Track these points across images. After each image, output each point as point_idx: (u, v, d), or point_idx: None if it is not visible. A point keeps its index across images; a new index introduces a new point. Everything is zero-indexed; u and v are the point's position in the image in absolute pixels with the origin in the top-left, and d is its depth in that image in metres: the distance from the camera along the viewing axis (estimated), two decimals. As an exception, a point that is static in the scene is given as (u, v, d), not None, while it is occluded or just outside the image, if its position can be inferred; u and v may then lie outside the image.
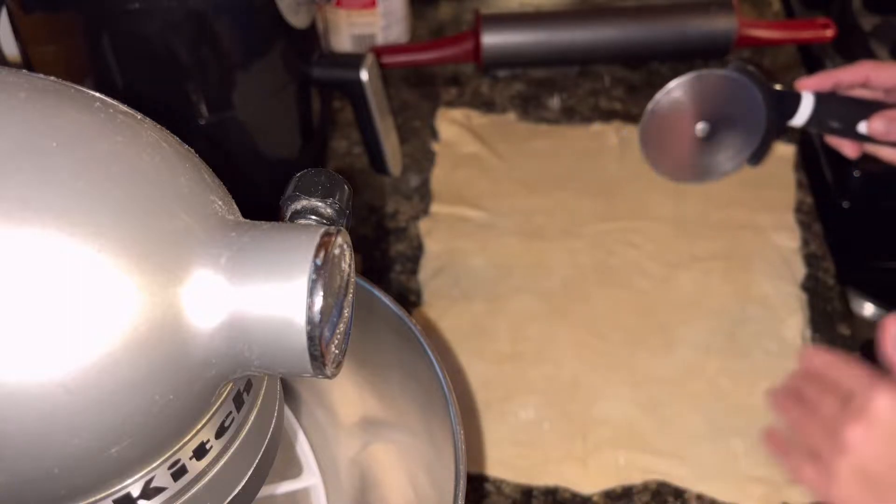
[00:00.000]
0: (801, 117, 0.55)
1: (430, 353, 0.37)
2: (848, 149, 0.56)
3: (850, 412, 0.39)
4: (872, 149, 0.55)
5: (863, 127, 0.54)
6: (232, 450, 0.25)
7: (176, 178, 0.23)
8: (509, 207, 0.65)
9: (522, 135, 0.71)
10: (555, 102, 0.74)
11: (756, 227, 0.64)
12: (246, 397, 0.25)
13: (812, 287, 0.61)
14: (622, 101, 0.74)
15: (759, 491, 0.50)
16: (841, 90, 0.56)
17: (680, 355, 0.57)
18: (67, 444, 0.20)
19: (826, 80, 0.55)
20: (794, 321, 0.58)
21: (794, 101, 0.55)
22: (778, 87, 0.56)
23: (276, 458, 0.28)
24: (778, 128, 0.56)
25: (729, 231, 0.63)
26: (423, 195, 0.67)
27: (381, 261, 0.63)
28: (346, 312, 0.24)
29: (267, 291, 0.22)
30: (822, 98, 0.55)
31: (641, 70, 0.77)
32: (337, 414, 0.44)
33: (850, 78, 0.55)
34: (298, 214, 0.27)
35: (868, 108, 0.54)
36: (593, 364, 0.56)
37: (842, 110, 0.55)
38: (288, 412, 0.43)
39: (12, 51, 0.52)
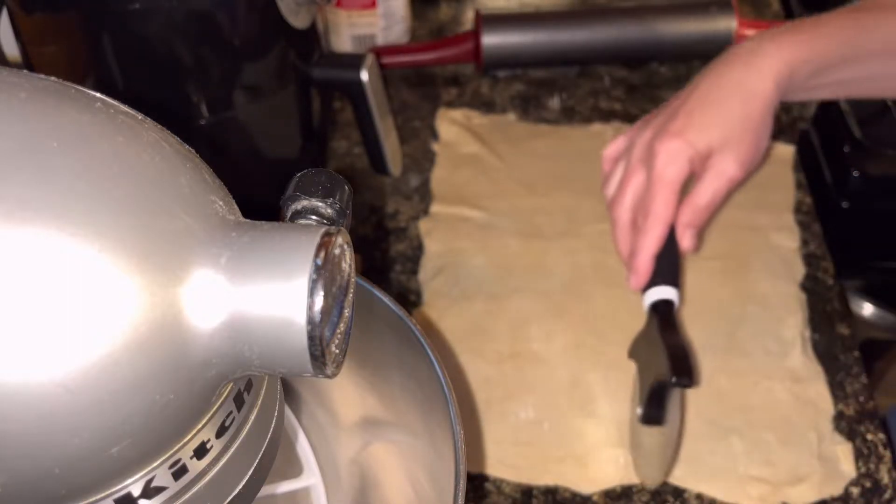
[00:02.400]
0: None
1: (430, 353, 0.37)
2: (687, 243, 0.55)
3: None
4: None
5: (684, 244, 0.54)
6: (232, 449, 0.25)
7: (176, 179, 0.23)
8: (509, 207, 0.65)
9: (522, 135, 0.71)
10: (555, 102, 0.74)
11: (755, 227, 0.64)
12: (246, 397, 0.25)
13: (811, 287, 0.61)
14: (622, 101, 0.74)
15: (759, 490, 0.50)
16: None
17: (679, 355, 0.57)
18: (68, 444, 0.20)
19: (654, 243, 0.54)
20: (793, 321, 0.58)
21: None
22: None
23: (276, 458, 0.28)
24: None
25: (728, 231, 0.64)
26: (423, 195, 0.67)
27: (381, 261, 0.63)
28: (347, 312, 0.24)
29: (267, 291, 0.22)
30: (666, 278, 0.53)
31: (641, 70, 0.77)
32: (337, 414, 0.44)
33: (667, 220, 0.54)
34: (299, 214, 0.27)
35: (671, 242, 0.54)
36: (593, 364, 0.56)
37: (672, 260, 0.54)
38: (288, 412, 0.43)
39: (13, 51, 0.52)
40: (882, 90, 0.60)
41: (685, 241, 0.54)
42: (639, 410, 0.49)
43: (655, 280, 0.53)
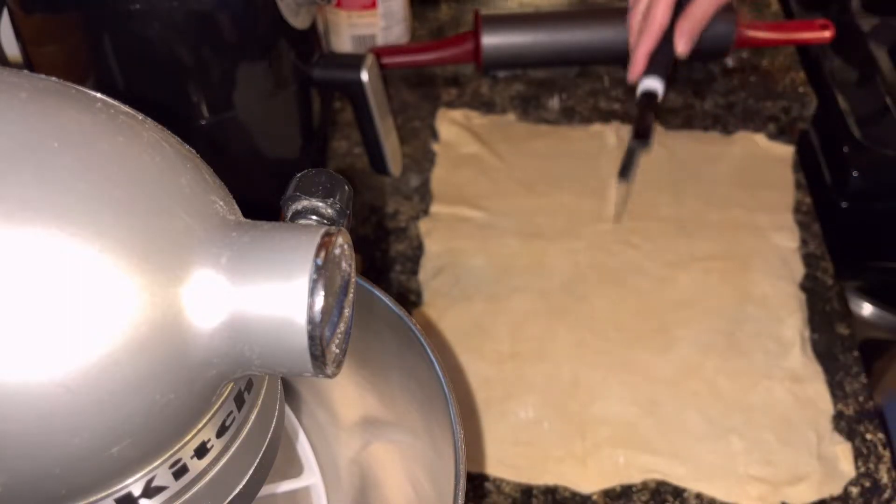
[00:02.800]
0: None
1: (430, 353, 0.37)
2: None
3: None
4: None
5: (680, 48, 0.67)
6: (233, 449, 0.25)
7: (177, 179, 0.23)
8: (509, 207, 0.65)
9: (522, 135, 0.71)
10: (554, 103, 0.74)
11: (755, 227, 0.64)
12: (247, 397, 0.25)
13: (811, 287, 0.61)
14: (621, 101, 0.74)
15: (758, 490, 0.50)
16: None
17: (679, 355, 0.57)
18: (68, 444, 0.20)
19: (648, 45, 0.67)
20: (793, 321, 0.58)
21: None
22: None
23: (276, 458, 0.28)
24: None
25: (728, 231, 0.64)
26: (423, 195, 0.67)
27: (381, 261, 0.63)
28: (347, 312, 0.24)
29: (268, 291, 0.22)
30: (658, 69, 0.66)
31: (641, 70, 0.77)
32: (337, 413, 0.44)
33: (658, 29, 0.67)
34: (299, 214, 0.27)
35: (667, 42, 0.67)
36: (593, 364, 0.56)
37: (664, 59, 0.67)
38: (288, 412, 0.43)
39: (13, 51, 0.52)
40: None
41: (680, 44, 0.67)
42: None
43: (648, 71, 0.66)
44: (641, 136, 0.64)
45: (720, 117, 0.73)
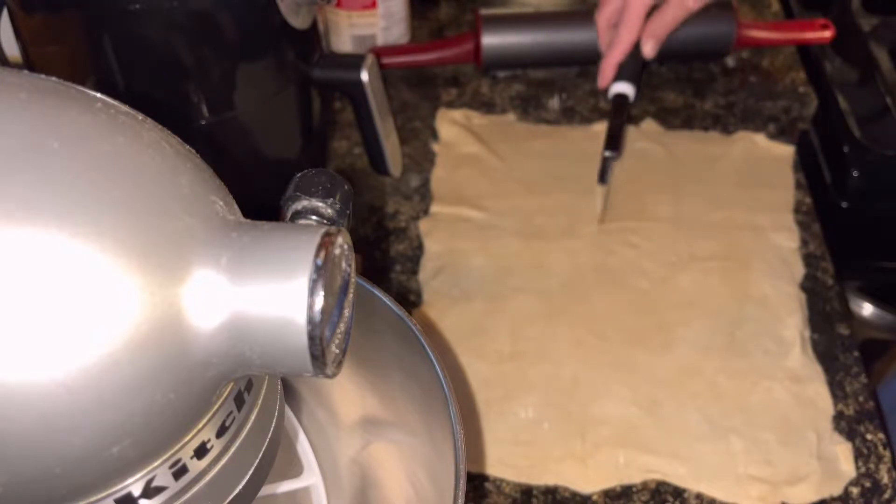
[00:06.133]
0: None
1: (430, 353, 0.37)
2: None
3: None
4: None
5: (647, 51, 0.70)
6: (233, 449, 0.25)
7: (177, 179, 0.23)
8: (509, 207, 0.65)
9: (522, 135, 0.71)
10: (555, 103, 0.74)
11: (755, 227, 0.64)
12: (247, 397, 0.25)
13: (811, 287, 0.61)
14: (622, 101, 0.74)
15: (758, 490, 0.50)
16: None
17: (679, 355, 0.57)
18: (68, 444, 0.20)
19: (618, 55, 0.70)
20: (793, 321, 0.58)
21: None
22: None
23: (276, 458, 0.28)
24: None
25: (728, 231, 0.64)
26: (423, 195, 0.67)
27: (381, 261, 0.63)
28: (347, 312, 0.24)
29: (268, 291, 0.22)
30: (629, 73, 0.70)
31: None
32: (337, 413, 0.44)
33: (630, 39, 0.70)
34: (299, 215, 0.27)
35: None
36: (593, 364, 0.56)
37: (633, 64, 0.70)
38: (288, 411, 0.43)
39: (13, 51, 0.52)
40: None
41: (647, 48, 0.70)
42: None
43: (619, 76, 0.70)
44: (612, 147, 0.66)
45: (720, 117, 0.73)
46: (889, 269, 0.72)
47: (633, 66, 0.70)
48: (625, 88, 0.69)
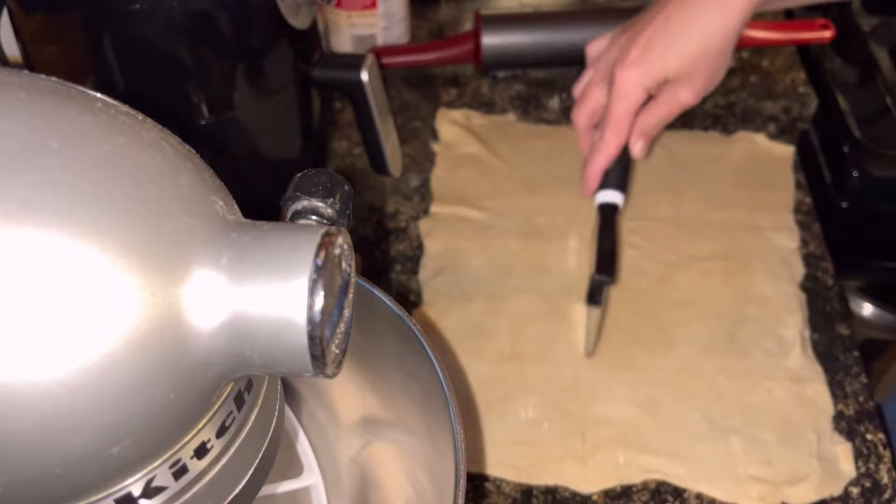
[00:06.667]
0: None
1: (430, 353, 0.37)
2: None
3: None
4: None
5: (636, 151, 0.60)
6: (233, 449, 0.25)
7: (177, 179, 0.23)
8: (509, 207, 0.65)
9: (522, 135, 0.71)
10: (555, 103, 0.74)
11: (755, 227, 0.64)
12: (247, 397, 0.25)
13: (811, 287, 0.61)
14: (622, 101, 0.74)
15: (758, 490, 0.50)
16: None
17: (679, 355, 0.57)
18: (68, 444, 0.20)
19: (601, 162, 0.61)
20: (793, 321, 0.58)
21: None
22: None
23: (276, 458, 0.28)
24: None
25: (728, 231, 0.64)
26: (423, 195, 0.67)
27: (381, 261, 0.63)
28: (347, 312, 0.24)
29: (268, 291, 0.22)
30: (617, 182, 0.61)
31: (641, 70, 0.77)
32: (337, 413, 0.44)
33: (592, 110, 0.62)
34: (299, 215, 0.27)
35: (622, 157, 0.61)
36: (593, 364, 0.56)
37: (620, 169, 0.61)
38: (288, 411, 0.43)
39: (13, 51, 0.52)
40: None
41: (636, 149, 0.60)
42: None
43: (605, 184, 0.61)
44: (606, 271, 0.56)
45: (720, 117, 0.73)
46: (889, 269, 0.72)
47: (621, 171, 0.61)
48: (613, 197, 0.61)
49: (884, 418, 0.54)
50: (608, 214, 0.60)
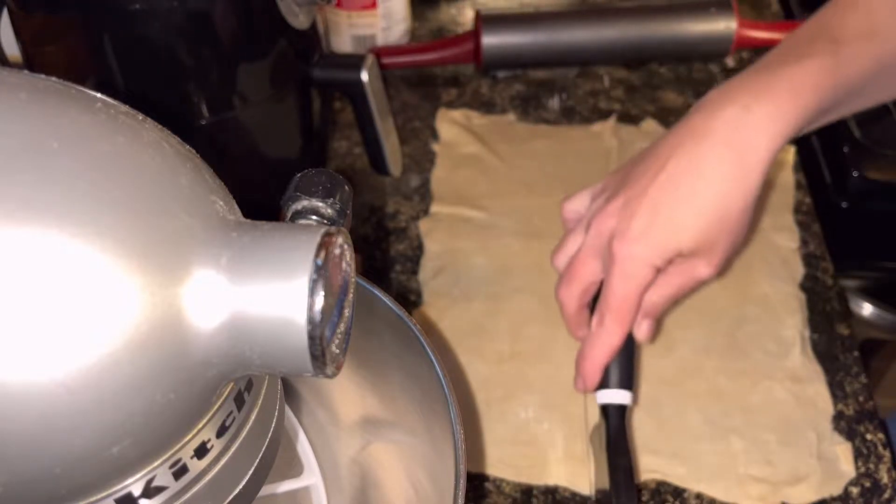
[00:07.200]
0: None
1: (430, 353, 0.37)
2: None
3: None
4: None
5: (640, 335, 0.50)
6: (233, 449, 0.25)
7: (177, 179, 0.23)
8: (509, 207, 0.65)
9: (522, 135, 0.71)
10: (555, 103, 0.74)
11: (755, 227, 0.64)
12: (247, 397, 0.25)
13: (811, 287, 0.61)
14: (622, 101, 0.74)
15: (758, 490, 0.50)
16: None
17: (679, 355, 0.57)
18: (68, 444, 0.20)
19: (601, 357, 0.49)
20: (793, 321, 0.58)
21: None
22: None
23: (276, 458, 0.28)
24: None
25: (728, 231, 0.64)
26: (423, 195, 0.67)
27: (381, 261, 0.63)
28: (347, 312, 0.24)
29: (268, 291, 0.22)
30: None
31: (641, 71, 0.77)
32: (337, 413, 0.44)
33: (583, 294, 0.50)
34: (299, 215, 0.27)
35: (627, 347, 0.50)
36: (593, 364, 0.56)
37: (625, 361, 0.50)
38: (288, 411, 0.43)
39: (13, 51, 0.52)
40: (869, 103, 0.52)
41: (641, 331, 0.50)
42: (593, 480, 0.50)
43: (607, 381, 0.49)
44: (622, 501, 0.46)
45: (720, 117, 0.73)
46: (889, 269, 0.72)
47: (626, 363, 0.50)
48: (620, 398, 0.49)
49: (888, 433, 0.54)
50: (617, 421, 0.49)
